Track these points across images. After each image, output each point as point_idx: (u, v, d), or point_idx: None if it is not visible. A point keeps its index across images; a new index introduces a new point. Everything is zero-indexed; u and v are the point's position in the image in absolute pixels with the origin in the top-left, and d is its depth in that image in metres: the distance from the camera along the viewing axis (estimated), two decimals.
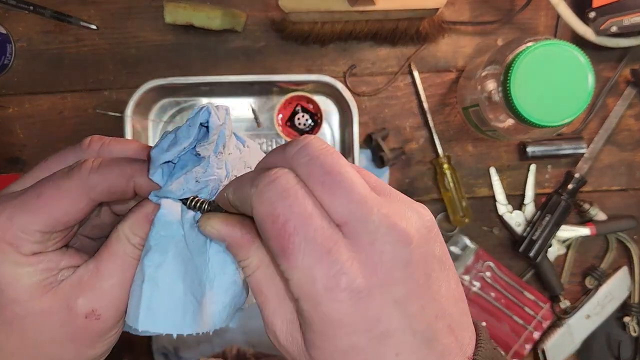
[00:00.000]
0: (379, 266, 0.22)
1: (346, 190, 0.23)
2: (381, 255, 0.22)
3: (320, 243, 0.22)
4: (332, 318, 0.22)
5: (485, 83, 0.56)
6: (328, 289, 0.22)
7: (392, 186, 0.26)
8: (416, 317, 0.23)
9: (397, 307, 0.23)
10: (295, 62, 0.66)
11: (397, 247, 0.23)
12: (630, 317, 0.67)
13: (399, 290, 0.23)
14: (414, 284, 0.23)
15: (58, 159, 0.29)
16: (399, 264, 0.23)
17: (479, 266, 0.67)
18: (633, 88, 0.66)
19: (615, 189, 0.68)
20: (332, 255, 0.22)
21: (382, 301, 0.23)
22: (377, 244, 0.22)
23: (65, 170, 0.27)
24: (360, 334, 0.23)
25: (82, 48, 0.65)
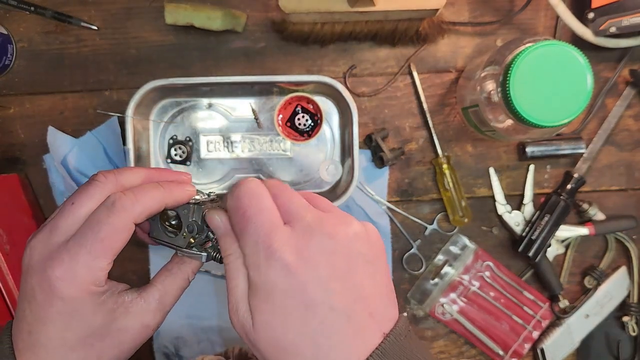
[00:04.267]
0: (306, 250, 0.30)
1: (294, 199, 0.33)
2: (309, 242, 0.30)
3: (266, 227, 0.31)
4: (269, 281, 0.30)
5: (485, 83, 0.57)
6: (266, 258, 0.30)
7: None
8: (335, 296, 0.30)
9: (319, 284, 0.30)
10: (295, 62, 0.66)
11: (322, 239, 0.31)
12: (629, 317, 0.68)
13: (322, 271, 0.30)
14: (336, 270, 0.30)
15: (84, 198, 0.34)
16: (323, 251, 0.30)
17: (479, 266, 0.68)
18: (632, 88, 0.66)
19: (615, 189, 0.68)
20: (273, 236, 0.30)
21: (308, 277, 0.30)
22: (307, 234, 0.31)
23: (108, 208, 0.33)
24: (290, 298, 0.29)
25: (82, 48, 0.65)
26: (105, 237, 0.32)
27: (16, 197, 0.64)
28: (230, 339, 0.68)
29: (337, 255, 0.31)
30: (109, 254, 0.33)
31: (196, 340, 0.68)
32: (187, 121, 0.65)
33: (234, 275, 0.33)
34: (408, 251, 0.68)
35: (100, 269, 0.33)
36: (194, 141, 0.65)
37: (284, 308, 0.30)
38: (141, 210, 0.34)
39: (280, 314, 0.30)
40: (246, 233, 0.31)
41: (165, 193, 0.35)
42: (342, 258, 0.31)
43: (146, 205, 0.34)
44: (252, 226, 0.31)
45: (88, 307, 0.33)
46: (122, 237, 0.33)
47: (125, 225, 0.33)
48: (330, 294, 0.30)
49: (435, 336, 0.69)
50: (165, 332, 0.68)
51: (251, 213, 0.31)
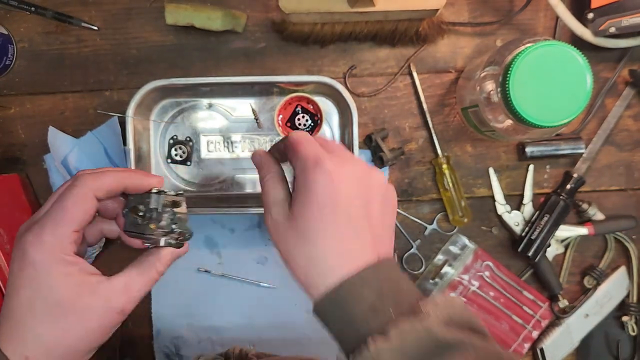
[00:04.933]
0: (342, 169, 0.37)
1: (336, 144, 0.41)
2: (345, 165, 0.38)
3: (316, 148, 0.39)
4: (314, 180, 0.37)
5: (484, 84, 0.57)
6: (314, 165, 0.37)
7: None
8: (353, 209, 0.37)
9: (346, 195, 0.37)
10: (295, 62, 0.66)
11: (355, 167, 0.38)
12: (629, 317, 0.68)
13: (350, 187, 0.37)
14: (359, 192, 0.38)
15: (64, 185, 0.40)
16: (354, 175, 0.38)
17: (478, 266, 0.68)
18: (632, 88, 0.66)
19: (614, 189, 0.68)
20: (321, 153, 0.38)
21: (340, 185, 0.37)
22: (344, 161, 0.38)
23: (72, 182, 0.38)
24: (324, 196, 0.36)
25: (83, 49, 0.65)
26: (66, 205, 0.37)
27: (17, 197, 0.64)
28: (230, 339, 0.69)
29: (362, 182, 0.38)
30: (71, 222, 0.37)
31: (196, 340, 0.68)
32: (187, 121, 0.65)
33: (273, 186, 0.40)
34: (408, 251, 0.68)
35: (64, 236, 0.37)
36: (195, 141, 0.65)
37: (317, 202, 0.36)
38: (100, 184, 0.38)
39: (313, 206, 0.37)
40: (300, 151, 0.38)
41: (124, 175, 0.40)
42: (365, 187, 0.38)
43: (104, 181, 0.39)
44: (306, 146, 0.38)
45: (55, 275, 0.36)
46: (83, 207, 0.38)
47: (85, 195, 0.38)
48: (351, 206, 0.37)
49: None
50: (165, 331, 0.68)
51: (305, 141, 0.39)
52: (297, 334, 0.69)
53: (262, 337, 0.69)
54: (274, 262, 0.68)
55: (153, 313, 0.68)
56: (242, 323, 0.69)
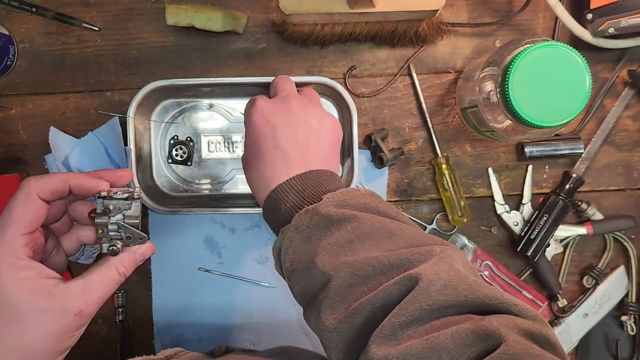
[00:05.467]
0: (272, 103, 0.49)
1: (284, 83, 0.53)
2: (275, 100, 0.49)
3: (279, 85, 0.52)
4: (249, 118, 0.49)
5: (484, 84, 0.57)
6: (251, 103, 0.50)
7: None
8: (280, 140, 0.47)
9: (271, 128, 0.47)
10: (295, 63, 0.66)
11: (283, 101, 0.49)
12: (628, 316, 0.68)
13: (278, 119, 0.47)
14: (287, 123, 0.47)
15: None
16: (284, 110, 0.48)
17: (478, 265, 0.68)
18: (630, 89, 0.66)
19: (613, 189, 0.69)
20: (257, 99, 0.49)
21: (268, 120, 0.48)
22: (276, 99, 0.50)
23: (18, 188, 0.39)
24: (256, 130, 0.48)
25: (84, 49, 0.65)
26: (12, 208, 0.38)
27: None
28: (230, 337, 0.69)
29: (291, 117, 0.47)
30: (18, 224, 0.37)
31: (197, 339, 0.69)
32: (188, 122, 0.66)
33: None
34: None
35: (13, 239, 0.37)
36: (195, 141, 0.66)
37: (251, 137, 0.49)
38: (42, 185, 0.39)
39: (250, 140, 0.49)
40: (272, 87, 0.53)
41: (70, 175, 0.40)
42: (295, 119, 0.47)
43: (47, 181, 0.39)
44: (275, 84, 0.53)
45: (7, 279, 0.36)
46: (27, 207, 0.38)
47: (27, 196, 0.38)
48: (279, 137, 0.46)
49: None
50: (165, 330, 0.68)
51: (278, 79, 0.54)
52: (297, 333, 0.69)
53: (262, 337, 0.69)
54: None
55: (154, 312, 0.68)
56: (243, 322, 0.69)
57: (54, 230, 0.45)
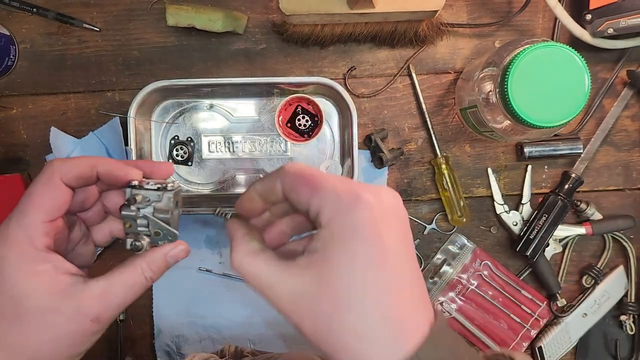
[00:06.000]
0: (384, 200, 0.30)
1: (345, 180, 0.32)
2: (385, 196, 0.30)
3: (342, 181, 0.30)
4: (356, 223, 0.28)
5: (483, 84, 0.57)
6: (353, 203, 0.28)
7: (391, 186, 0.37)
8: (403, 256, 0.29)
9: (395, 238, 0.29)
10: (295, 64, 0.66)
11: (395, 197, 0.31)
12: (627, 316, 0.68)
13: (395, 224, 0.30)
14: (403, 224, 0.31)
15: None
16: (395, 205, 0.30)
17: (477, 265, 0.68)
18: (630, 89, 0.67)
19: (612, 189, 0.69)
20: (352, 186, 0.29)
21: (384, 226, 0.29)
22: (381, 191, 0.30)
23: (41, 171, 0.34)
24: (372, 242, 0.28)
25: (85, 49, 0.66)
26: (32, 192, 0.33)
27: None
28: (231, 337, 0.69)
29: (403, 213, 0.31)
30: (38, 211, 0.33)
31: (198, 339, 0.69)
32: (188, 122, 0.66)
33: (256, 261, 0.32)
34: None
35: (32, 227, 0.32)
36: (196, 142, 0.66)
37: (363, 254, 0.28)
38: (68, 168, 0.34)
39: (357, 259, 0.28)
40: (323, 187, 0.29)
41: (98, 160, 0.35)
42: (405, 218, 0.31)
43: (74, 165, 0.34)
44: (329, 184, 0.30)
45: (22, 272, 0.32)
46: (49, 192, 0.33)
47: (49, 180, 0.34)
48: (401, 252, 0.29)
49: None
50: (166, 330, 0.69)
51: (320, 174, 0.31)
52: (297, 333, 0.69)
53: (262, 336, 0.69)
54: None
55: (154, 312, 0.68)
56: (243, 322, 0.69)
57: (85, 219, 0.39)
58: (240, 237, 0.33)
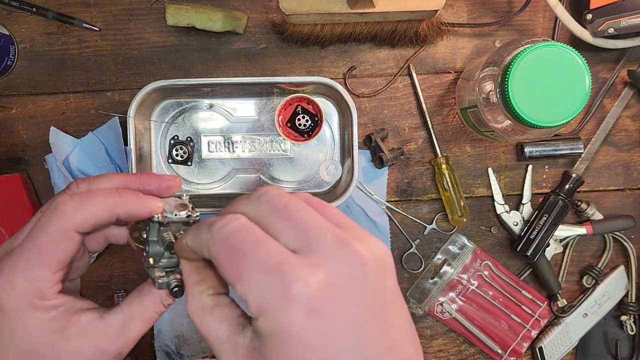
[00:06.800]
0: (331, 281, 0.23)
1: (301, 219, 0.24)
2: (334, 271, 0.23)
3: (271, 259, 0.23)
4: (286, 329, 0.22)
5: (483, 84, 0.57)
6: (282, 299, 0.22)
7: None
8: (369, 344, 0.23)
9: (350, 328, 0.23)
10: (295, 63, 0.66)
11: (350, 266, 0.23)
12: (627, 316, 0.68)
13: (352, 309, 0.23)
14: (367, 307, 0.23)
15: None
16: (352, 282, 0.23)
17: (477, 265, 0.68)
18: (630, 89, 0.67)
19: (612, 189, 0.69)
20: (284, 268, 0.23)
21: (336, 318, 0.23)
22: (330, 261, 0.23)
23: (49, 213, 0.30)
24: (311, 349, 0.22)
25: (84, 49, 0.66)
26: (43, 245, 0.30)
27: (18, 197, 0.64)
28: None
29: (368, 286, 0.24)
30: (49, 264, 0.30)
31: (197, 339, 0.69)
32: (188, 122, 0.66)
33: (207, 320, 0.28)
34: (407, 251, 0.68)
35: (41, 280, 0.30)
36: (195, 141, 0.66)
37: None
38: (84, 218, 0.30)
39: None
40: (245, 273, 0.23)
41: (117, 202, 0.31)
42: (373, 291, 0.24)
43: (91, 213, 0.30)
44: (254, 263, 0.23)
45: (32, 322, 0.30)
46: (62, 246, 0.30)
47: (65, 234, 0.30)
48: (362, 341, 0.23)
49: (434, 335, 0.70)
50: (166, 330, 0.69)
51: (247, 248, 0.24)
52: None
53: None
54: None
55: None
56: None
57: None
58: (190, 287, 0.29)
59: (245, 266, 0.23)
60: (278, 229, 0.25)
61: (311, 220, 0.24)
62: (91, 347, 0.31)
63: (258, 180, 0.66)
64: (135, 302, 0.33)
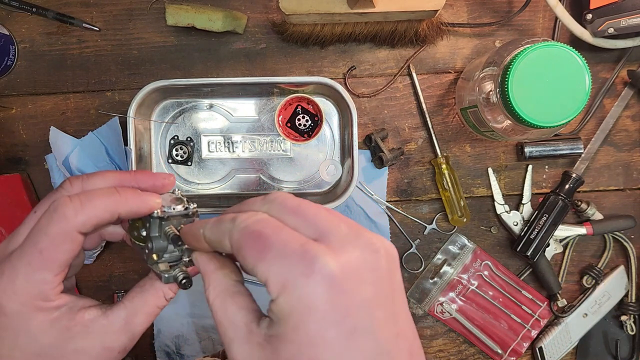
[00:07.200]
0: (351, 262, 0.24)
1: (314, 215, 0.26)
2: (352, 254, 0.25)
3: (294, 241, 0.25)
4: (308, 302, 0.23)
5: (483, 84, 0.57)
6: (305, 274, 0.23)
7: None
8: (381, 327, 0.24)
9: (365, 307, 0.24)
10: (295, 63, 0.66)
11: (365, 251, 0.25)
12: (627, 316, 0.68)
13: (367, 290, 0.24)
14: (381, 291, 0.25)
15: (44, 206, 0.32)
16: (368, 266, 0.25)
17: (477, 265, 0.68)
18: (630, 89, 0.67)
19: (612, 189, 0.69)
20: (306, 247, 0.24)
21: (354, 296, 0.24)
22: (348, 246, 0.25)
23: (49, 214, 0.30)
24: (330, 324, 0.23)
25: (84, 49, 0.66)
26: (44, 248, 0.30)
27: (18, 196, 0.64)
28: None
29: (381, 272, 0.25)
30: (50, 267, 0.30)
31: (197, 339, 0.69)
32: (188, 122, 0.66)
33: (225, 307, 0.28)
34: (407, 251, 0.68)
35: (44, 282, 0.30)
36: (195, 141, 0.66)
37: (321, 336, 0.23)
38: (85, 219, 0.30)
39: (314, 343, 0.23)
40: (268, 253, 0.25)
41: (118, 201, 0.31)
42: (386, 278, 0.25)
43: (91, 214, 0.30)
44: (277, 245, 0.25)
45: (36, 324, 0.30)
46: (64, 248, 0.30)
47: (66, 235, 0.30)
48: (375, 322, 0.24)
49: (434, 335, 0.70)
50: (166, 330, 0.69)
51: (270, 233, 0.25)
52: None
53: None
54: None
55: None
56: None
57: None
58: (212, 272, 0.30)
59: (269, 246, 0.25)
60: (294, 225, 0.26)
61: (324, 216, 0.26)
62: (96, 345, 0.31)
63: (258, 180, 0.66)
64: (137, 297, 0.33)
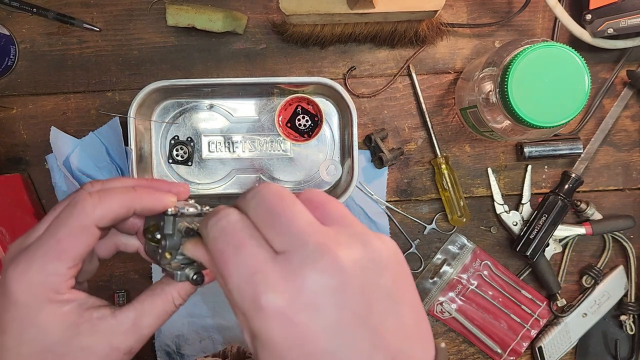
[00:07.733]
0: (303, 289, 0.24)
1: (286, 225, 0.25)
2: (306, 279, 0.24)
3: (247, 267, 0.25)
4: (262, 333, 0.24)
5: (483, 84, 0.57)
6: (254, 307, 0.24)
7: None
8: (350, 345, 0.24)
9: (328, 332, 0.24)
10: (295, 64, 0.66)
11: (326, 274, 0.24)
12: (627, 316, 0.68)
13: (329, 315, 0.24)
14: (348, 311, 0.24)
15: (65, 203, 0.33)
16: (326, 290, 0.24)
17: (477, 265, 0.68)
18: (629, 89, 0.67)
19: (612, 189, 0.69)
20: (256, 277, 0.24)
21: (311, 325, 0.24)
22: (305, 269, 0.24)
23: (69, 209, 0.31)
24: (292, 349, 0.24)
25: (85, 50, 0.66)
26: (61, 239, 0.30)
27: (19, 196, 0.65)
28: (231, 337, 0.69)
29: (348, 291, 0.24)
30: (65, 258, 0.30)
31: (197, 339, 0.69)
32: (188, 122, 0.66)
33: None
34: (407, 250, 0.68)
35: (56, 274, 0.30)
36: (196, 142, 0.66)
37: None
38: (103, 213, 0.31)
39: None
40: (228, 278, 0.26)
41: (134, 197, 0.32)
42: (356, 296, 0.24)
43: (109, 208, 0.31)
44: (233, 270, 0.25)
45: (44, 316, 0.30)
46: (81, 240, 0.31)
47: (83, 227, 0.31)
48: (343, 343, 0.24)
49: (434, 335, 0.70)
50: (166, 330, 0.69)
51: (230, 253, 0.26)
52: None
53: None
54: None
55: None
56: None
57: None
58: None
59: (228, 271, 0.25)
60: (265, 230, 0.26)
61: (297, 224, 0.25)
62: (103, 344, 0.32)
63: (258, 181, 0.67)
64: (147, 300, 0.34)
